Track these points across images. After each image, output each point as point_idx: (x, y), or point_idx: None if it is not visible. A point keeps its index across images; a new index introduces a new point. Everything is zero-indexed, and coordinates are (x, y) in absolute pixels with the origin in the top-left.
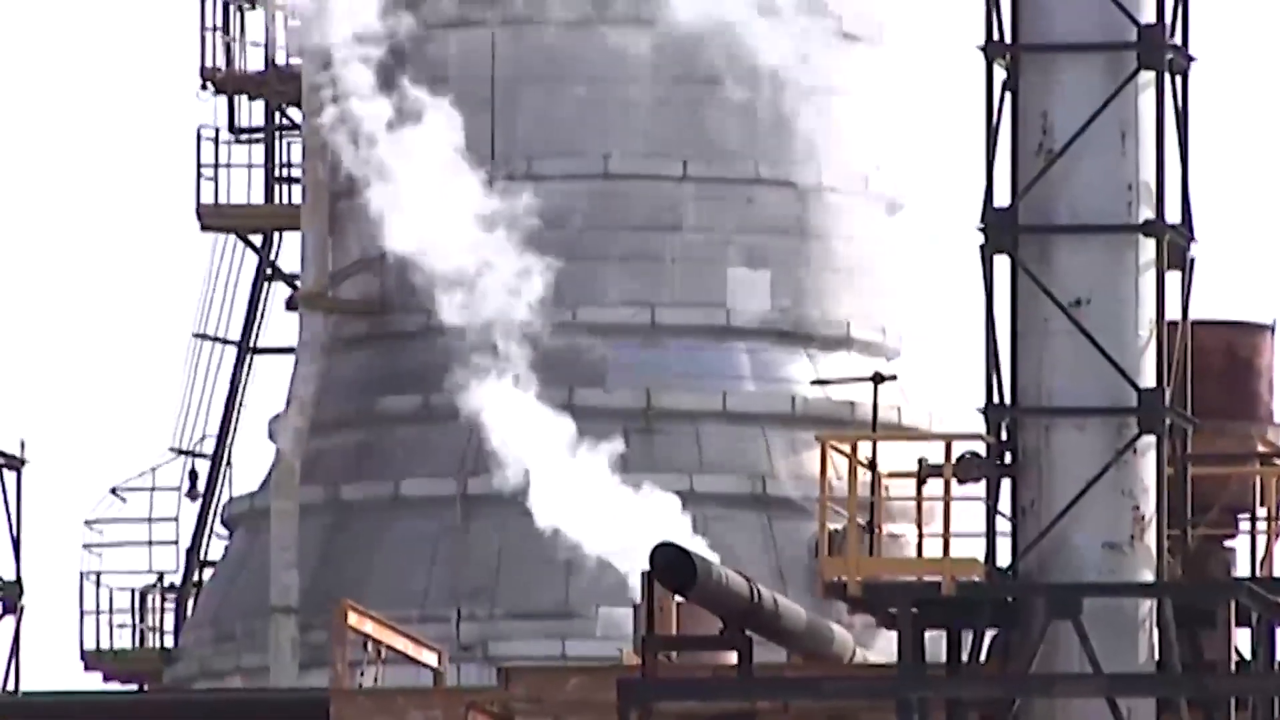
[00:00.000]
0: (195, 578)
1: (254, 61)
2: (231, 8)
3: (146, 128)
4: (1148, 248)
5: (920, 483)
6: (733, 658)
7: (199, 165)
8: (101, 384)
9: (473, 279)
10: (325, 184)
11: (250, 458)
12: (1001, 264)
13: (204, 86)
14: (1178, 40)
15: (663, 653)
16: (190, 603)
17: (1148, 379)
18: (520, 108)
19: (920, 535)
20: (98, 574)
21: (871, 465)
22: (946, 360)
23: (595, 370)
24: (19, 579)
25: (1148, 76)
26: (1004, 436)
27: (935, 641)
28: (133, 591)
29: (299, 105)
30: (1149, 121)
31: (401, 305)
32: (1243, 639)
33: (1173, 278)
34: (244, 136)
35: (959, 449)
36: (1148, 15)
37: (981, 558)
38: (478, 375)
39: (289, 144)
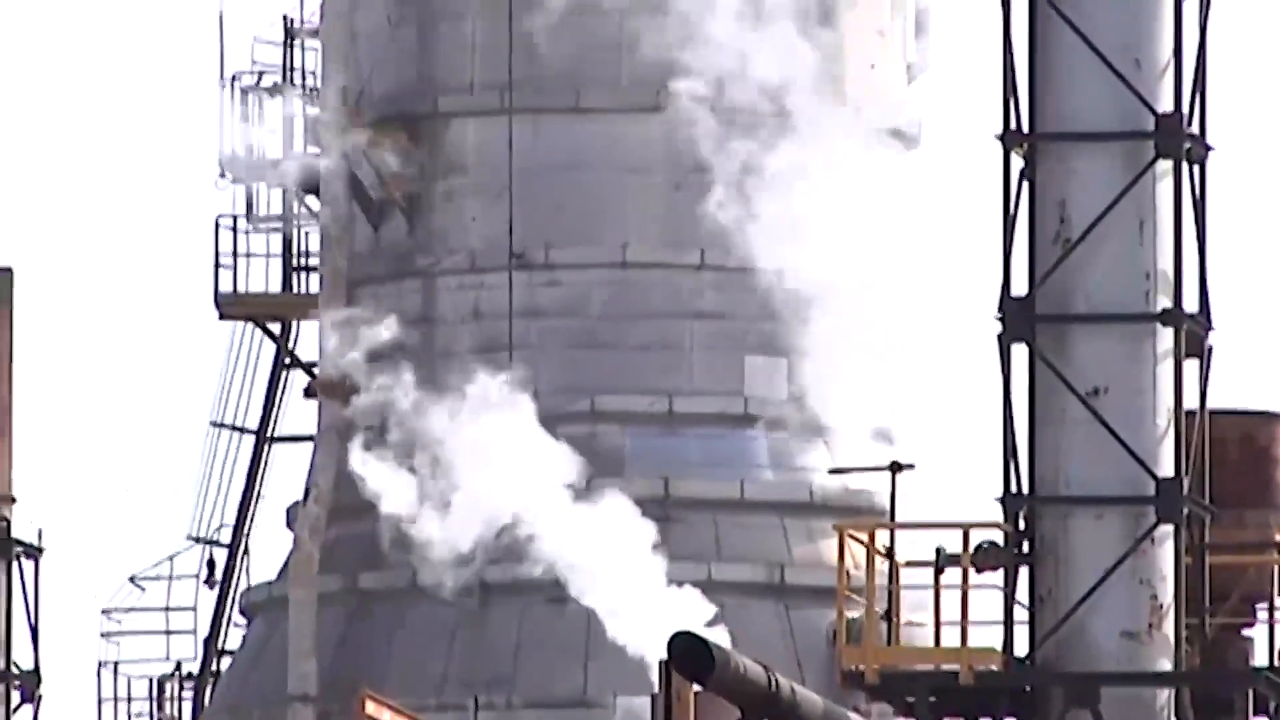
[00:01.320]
0: (213, 666)
1: (272, 150)
2: (250, 96)
3: (165, 216)
4: (1166, 337)
5: (938, 571)
6: None
7: (217, 253)
8: (119, 472)
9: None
10: (343, 272)
11: (268, 546)
12: (1019, 353)
13: (222, 175)
14: (1195, 129)
15: None
16: (208, 691)
17: (1166, 468)
18: (538, 196)
19: (938, 624)
20: (115, 663)
21: (889, 554)
22: (964, 449)
23: (613, 459)
24: (37, 668)
25: (1165, 165)
26: (1022, 525)
27: None
28: (150, 680)
29: (317, 193)
30: (1167, 210)
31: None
32: None
33: (1191, 366)
34: (262, 225)
35: (977, 538)
36: (1165, 104)
37: (999, 646)
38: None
39: (307, 232)
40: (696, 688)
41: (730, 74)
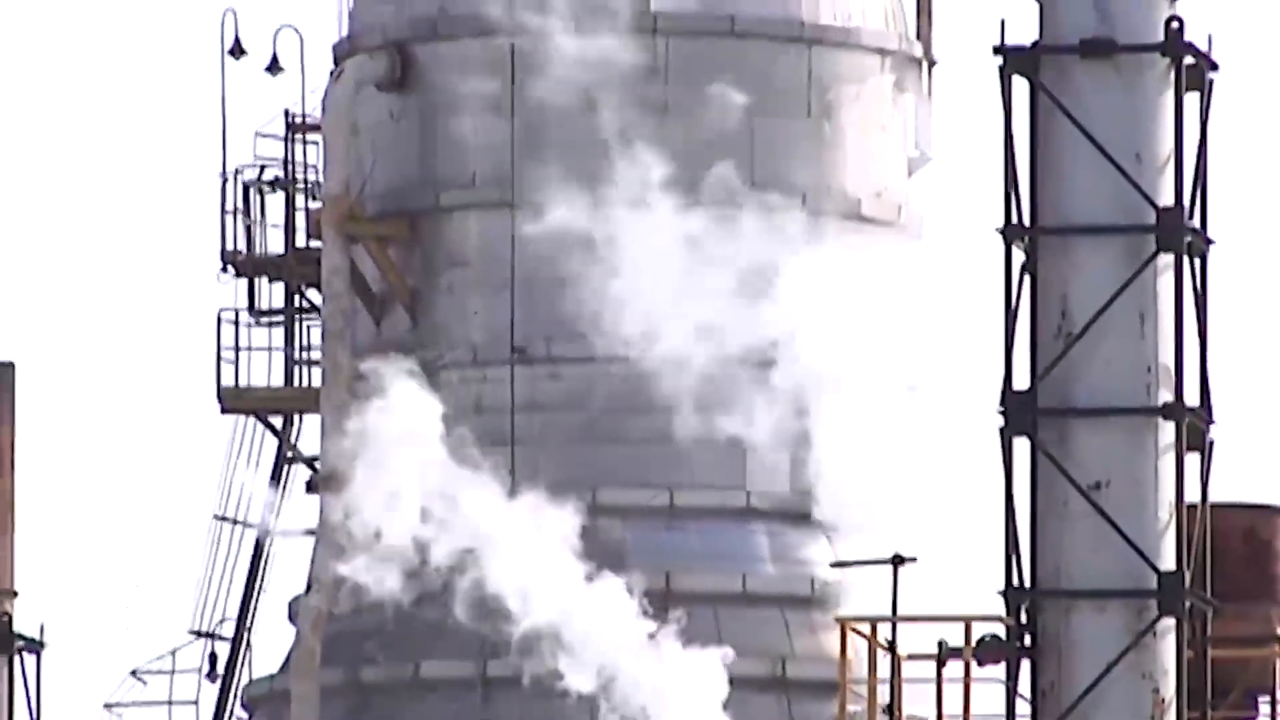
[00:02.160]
0: None
1: (274, 244)
2: (252, 191)
3: (166, 310)
4: (1167, 430)
5: (940, 665)
6: None
7: (219, 348)
8: (121, 566)
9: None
10: (345, 366)
11: (270, 640)
12: (1021, 446)
13: (224, 269)
14: (1196, 223)
15: None
16: None
17: (1168, 561)
18: (539, 290)
19: (940, 718)
20: None
21: (891, 647)
22: (966, 542)
23: (615, 552)
24: None
25: (1167, 259)
26: (1024, 619)
27: None
28: None
29: (319, 288)
30: (1168, 304)
31: None
32: None
33: (1192, 460)
34: (264, 319)
35: (979, 631)
36: (1166, 198)
37: None
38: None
39: (309, 326)
40: None
41: None
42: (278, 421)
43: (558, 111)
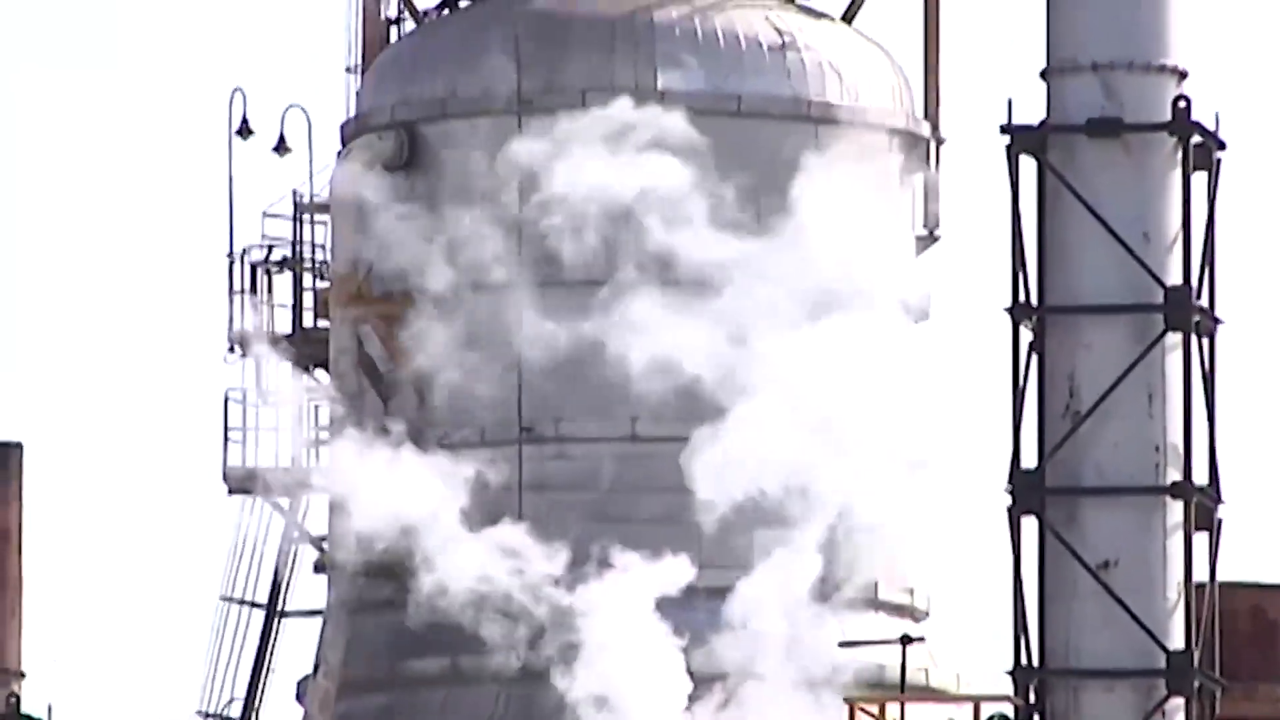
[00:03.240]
0: None
1: (281, 324)
2: (259, 271)
3: (174, 391)
4: (1175, 509)
5: None
6: None
7: (226, 428)
8: (129, 647)
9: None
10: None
11: None
12: (1029, 525)
13: (231, 349)
14: (1204, 302)
15: None
16: None
17: (1176, 641)
18: (547, 370)
19: None
20: None
21: None
22: (974, 621)
23: None
24: None
25: (1175, 338)
26: (1032, 698)
27: None
28: None
29: (326, 367)
30: (1176, 383)
31: (429, 567)
32: None
33: (1200, 539)
34: (271, 399)
35: (987, 711)
36: (1174, 277)
37: None
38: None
39: (316, 406)
40: None
41: None
42: (285, 502)
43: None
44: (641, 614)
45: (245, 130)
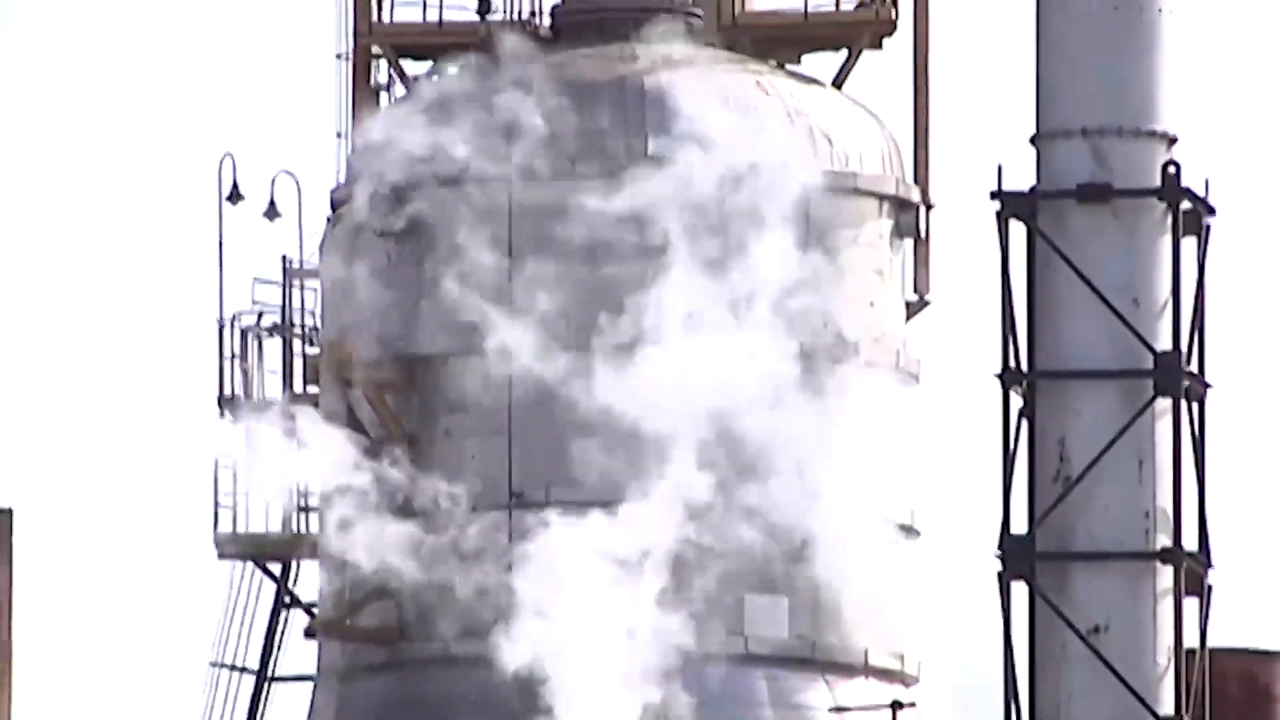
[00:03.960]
0: None
1: (272, 390)
2: (250, 335)
3: (164, 456)
4: (1165, 575)
5: None
6: None
7: (216, 493)
8: (120, 713)
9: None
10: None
11: None
12: (1019, 590)
13: (222, 415)
14: (1194, 367)
15: None
16: None
17: (1166, 707)
18: (536, 436)
19: None
20: None
21: None
22: (965, 687)
23: None
24: None
25: (1164, 403)
26: None
27: None
28: None
29: None
30: (1166, 448)
31: (420, 634)
32: None
33: (1191, 604)
34: (261, 465)
35: None
36: (1164, 342)
37: None
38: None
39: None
40: None
41: None
42: (275, 567)
43: (556, 250)
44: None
45: (235, 195)
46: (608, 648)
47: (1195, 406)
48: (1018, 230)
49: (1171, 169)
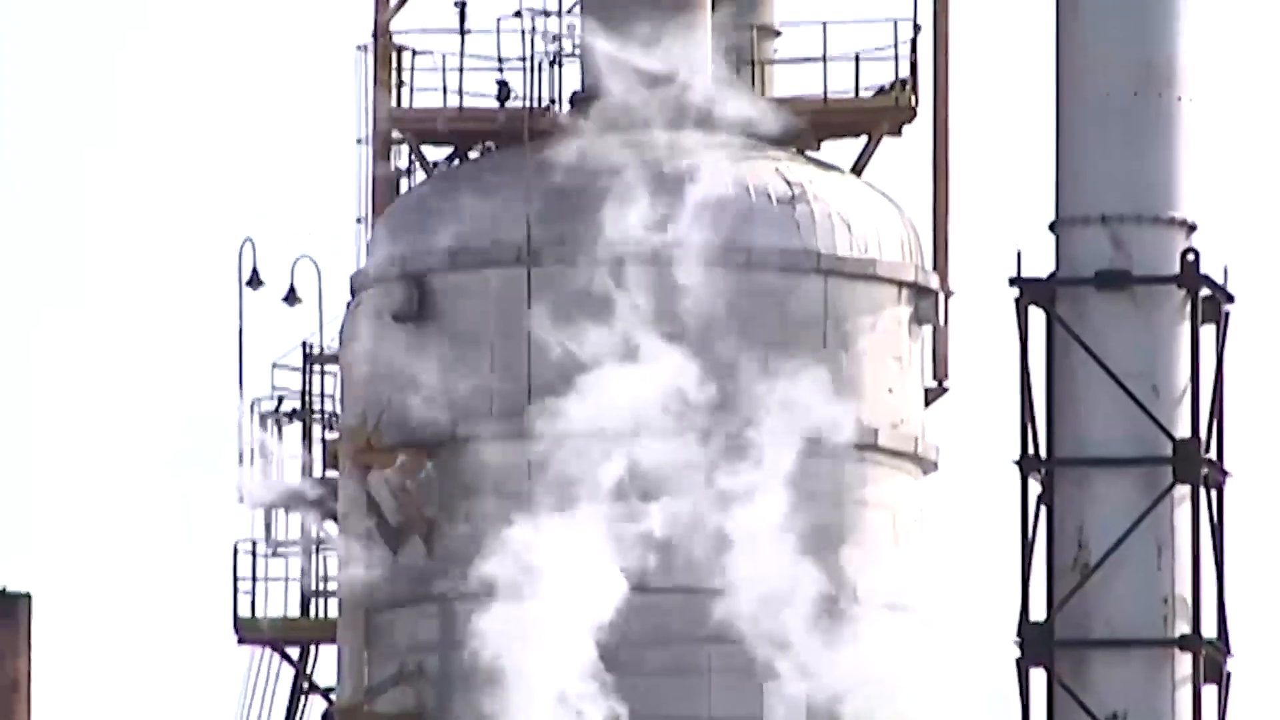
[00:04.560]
0: None
1: (291, 475)
2: (269, 420)
3: (183, 541)
4: (1184, 662)
5: None
6: None
7: (235, 578)
8: None
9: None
10: (361, 598)
11: None
12: (1038, 677)
13: (241, 500)
14: (1213, 454)
15: None
16: None
17: None
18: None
19: None
20: None
21: None
22: None
23: None
24: None
25: (1183, 490)
26: None
27: None
28: None
29: (335, 519)
30: (1185, 535)
31: (439, 718)
32: None
33: (1209, 692)
34: (280, 550)
35: None
36: (1183, 430)
37: None
38: None
39: (325, 557)
40: None
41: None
42: (294, 652)
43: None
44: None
45: (255, 281)
46: None
47: (1214, 493)
48: (1037, 316)
49: (1190, 256)
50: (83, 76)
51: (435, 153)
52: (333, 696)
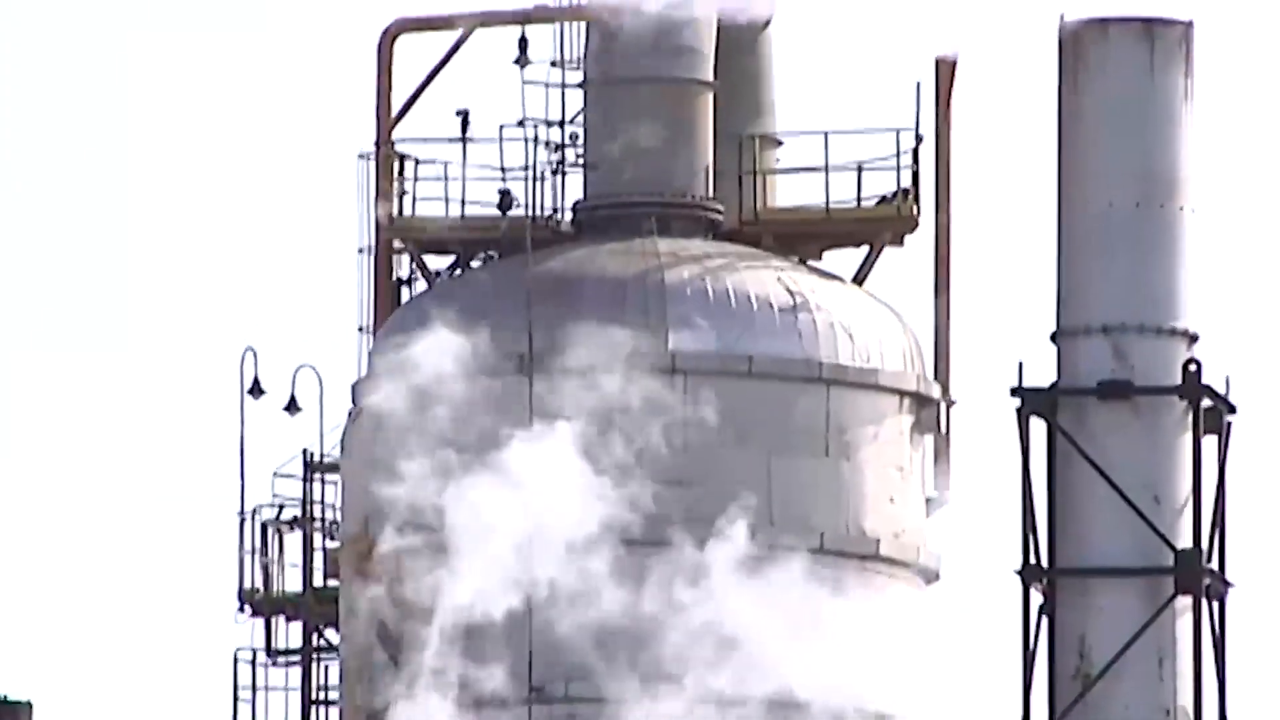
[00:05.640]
0: None
1: (292, 583)
2: (270, 530)
3: (184, 649)
4: None
5: None
6: None
7: (235, 687)
8: None
9: None
10: (363, 707)
11: None
12: None
13: (241, 609)
14: (1215, 565)
15: None
16: None
17: None
18: (557, 630)
19: None
20: None
21: None
22: None
23: None
24: None
25: (1185, 601)
26: None
27: None
28: None
29: (336, 627)
30: (1186, 646)
31: None
32: None
33: None
34: (281, 659)
35: None
36: (1185, 540)
37: None
38: None
39: (326, 666)
40: None
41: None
42: None
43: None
44: None
45: (257, 390)
46: None
47: (1216, 604)
48: (1038, 427)
49: (1193, 367)
50: (89, 182)
51: (437, 261)
52: None
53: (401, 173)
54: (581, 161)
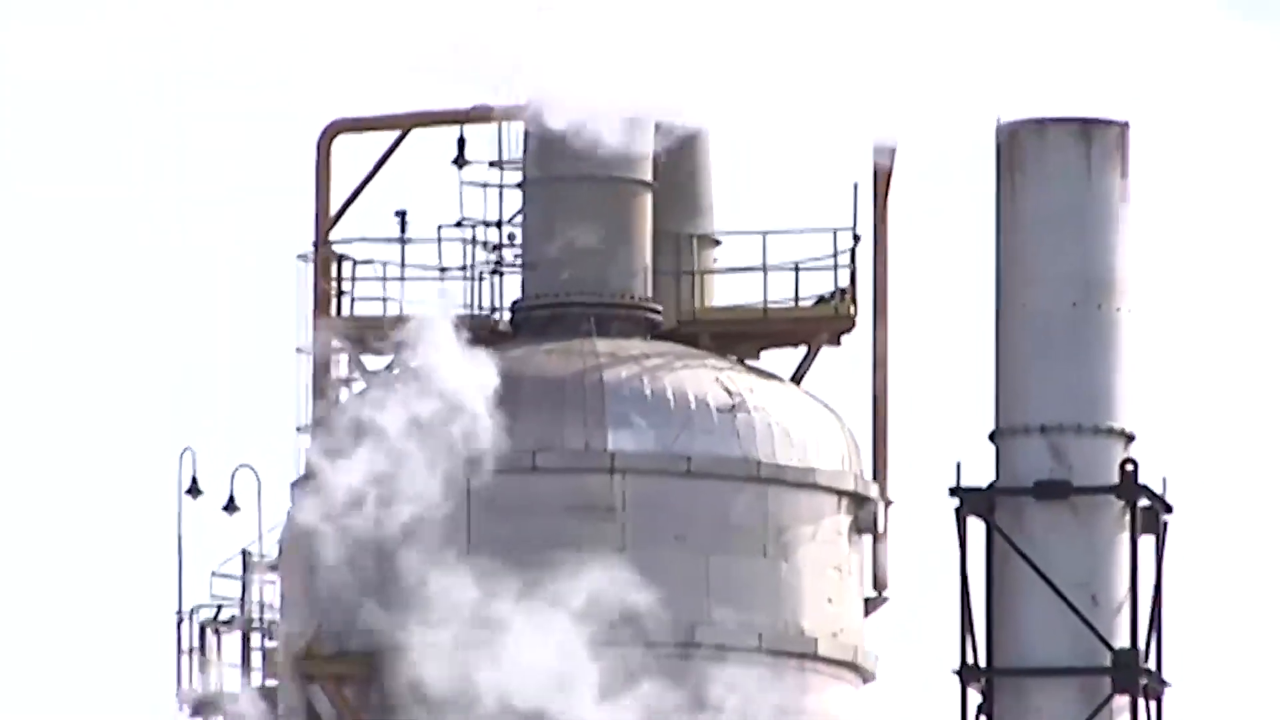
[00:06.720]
0: None
1: (230, 684)
2: (208, 630)
3: None
4: None
5: None
6: None
7: None
8: None
9: None
10: None
11: None
12: None
13: (180, 709)
14: (1152, 664)
15: None
16: None
17: None
18: None
19: None
20: None
21: None
22: None
23: None
24: None
25: (1123, 701)
26: None
27: None
28: None
29: None
30: None
31: None
32: None
33: None
34: None
35: None
36: (1122, 639)
37: None
38: None
39: None
40: None
41: None
42: None
43: (514, 544)
44: None
45: (195, 490)
46: None
47: (1153, 704)
48: (976, 526)
49: (1129, 466)
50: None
51: (375, 362)
52: None
53: (340, 273)
54: (520, 261)
